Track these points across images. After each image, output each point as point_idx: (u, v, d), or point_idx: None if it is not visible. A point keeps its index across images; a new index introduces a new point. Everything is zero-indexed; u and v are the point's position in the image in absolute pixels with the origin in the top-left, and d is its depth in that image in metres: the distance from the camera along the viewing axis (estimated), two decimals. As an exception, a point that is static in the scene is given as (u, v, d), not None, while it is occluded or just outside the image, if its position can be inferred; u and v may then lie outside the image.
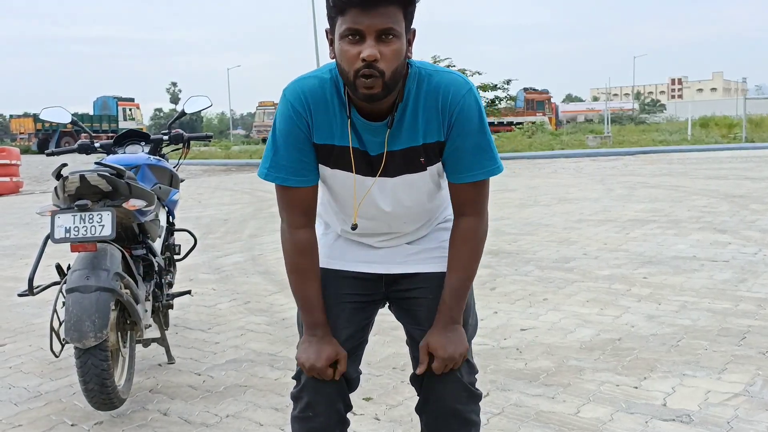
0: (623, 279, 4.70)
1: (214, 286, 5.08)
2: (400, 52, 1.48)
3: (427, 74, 1.59)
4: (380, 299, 1.83)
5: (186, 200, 10.47)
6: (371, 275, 1.79)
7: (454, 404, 1.73)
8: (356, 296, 1.78)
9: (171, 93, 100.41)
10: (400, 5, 1.46)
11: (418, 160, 1.62)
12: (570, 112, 57.09)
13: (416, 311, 1.76)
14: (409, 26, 1.52)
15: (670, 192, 9.50)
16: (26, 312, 4.52)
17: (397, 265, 1.78)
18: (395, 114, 1.57)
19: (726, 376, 2.96)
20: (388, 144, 1.59)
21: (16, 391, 3.15)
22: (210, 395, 3.00)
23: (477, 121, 1.58)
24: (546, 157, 19.61)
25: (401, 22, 1.47)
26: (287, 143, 1.61)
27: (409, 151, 1.61)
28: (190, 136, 3.71)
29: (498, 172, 1.62)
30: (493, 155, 1.62)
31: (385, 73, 1.46)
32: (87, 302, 2.54)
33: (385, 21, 1.44)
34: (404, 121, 1.59)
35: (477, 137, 1.59)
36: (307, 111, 1.59)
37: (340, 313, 1.75)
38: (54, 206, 2.73)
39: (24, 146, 38.12)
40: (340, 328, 1.74)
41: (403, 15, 1.48)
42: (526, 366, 3.18)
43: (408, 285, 1.78)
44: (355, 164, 1.62)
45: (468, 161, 1.60)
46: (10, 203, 12.13)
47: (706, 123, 29.25)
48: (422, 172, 1.65)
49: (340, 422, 1.76)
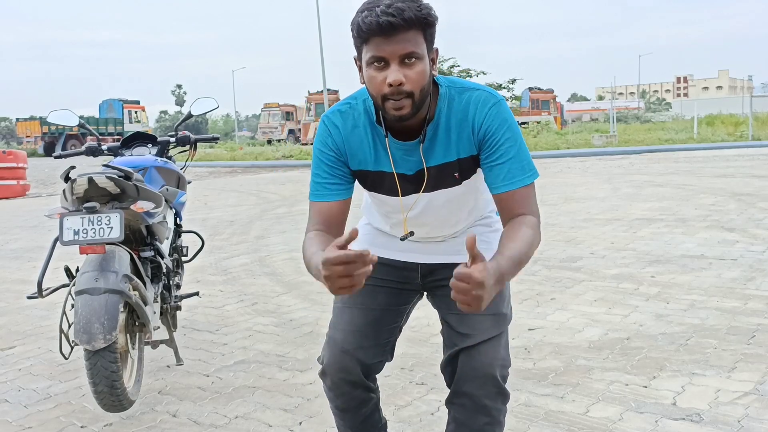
0: (631, 278, 4.68)
1: (221, 287, 5.09)
2: (424, 73, 1.53)
3: (457, 92, 1.65)
4: (417, 289, 1.93)
5: (192, 202, 10.49)
6: (409, 264, 1.89)
7: (483, 400, 1.76)
8: (393, 282, 1.89)
9: (176, 95, 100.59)
10: (420, 29, 1.50)
11: (453, 175, 1.69)
12: (575, 112, 56.95)
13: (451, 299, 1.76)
14: (431, 46, 1.56)
15: (677, 190, 9.47)
16: (35, 314, 4.54)
17: (434, 255, 1.86)
18: (426, 130, 1.63)
19: (736, 374, 2.95)
20: (419, 161, 1.66)
21: (26, 393, 3.17)
22: (219, 396, 3.01)
23: (507, 133, 1.62)
24: (552, 156, 19.57)
25: (422, 44, 1.52)
26: (318, 163, 1.73)
27: (444, 167, 1.67)
28: (196, 138, 3.72)
29: (530, 181, 1.63)
30: (525, 165, 1.62)
31: (414, 94, 1.52)
32: (96, 304, 2.55)
33: (406, 46, 1.49)
34: (437, 138, 1.65)
35: (508, 149, 1.61)
36: (340, 137, 1.70)
37: (378, 291, 1.86)
38: (62, 208, 2.74)
39: (30, 149, 38.26)
40: (374, 303, 1.85)
41: (423, 37, 1.52)
42: (534, 366, 3.18)
43: (445, 274, 1.81)
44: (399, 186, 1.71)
45: (503, 172, 1.62)
46: (18, 206, 12.17)
47: (713, 121, 29.18)
48: (457, 186, 1.71)
49: (362, 403, 1.88)
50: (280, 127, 40.95)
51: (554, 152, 20.35)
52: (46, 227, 8.71)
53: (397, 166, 1.68)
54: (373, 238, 1.94)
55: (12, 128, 67.06)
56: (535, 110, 40.99)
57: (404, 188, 1.71)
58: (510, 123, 1.63)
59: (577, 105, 63.63)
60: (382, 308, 1.88)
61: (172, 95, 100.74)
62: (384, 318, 1.88)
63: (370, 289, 1.82)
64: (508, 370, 1.81)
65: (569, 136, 27.43)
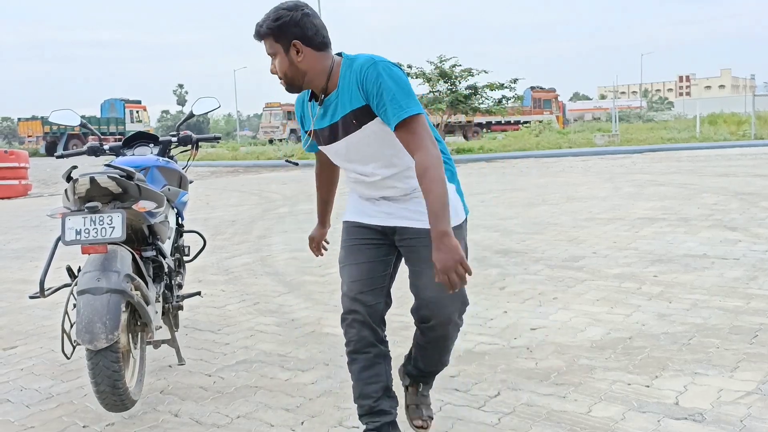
0: (633, 277, 4.68)
1: (223, 287, 5.09)
2: (283, 64, 2.17)
3: (351, 62, 2.18)
4: (393, 244, 2.40)
5: (194, 202, 10.49)
6: (383, 227, 2.38)
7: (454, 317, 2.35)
8: (373, 240, 2.39)
9: (178, 95, 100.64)
10: (271, 37, 2.15)
11: (352, 122, 2.19)
12: (577, 111, 56.92)
13: (410, 255, 2.35)
14: (288, 44, 2.15)
15: (680, 190, 9.46)
16: (37, 314, 4.54)
17: (399, 220, 2.34)
18: (323, 97, 2.23)
19: (738, 374, 2.94)
20: (331, 118, 2.23)
21: (28, 393, 3.17)
22: (221, 396, 3.01)
23: (383, 84, 2.08)
24: (554, 155, 19.56)
25: (276, 46, 2.16)
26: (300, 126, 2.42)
27: (345, 118, 2.20)
28: (198, 137, 3.72)
29: (410, 113, 2.05)
30: (403, 104, 2.07)
31: (282, 77, 2.20)
32: (98, 304, 2.55)
33: (267, 49, 2.19)
34: (339, 98, 2.19)
35: (385, 95, 2.08)
36: (300, 108, 2.39)
37: (363, 249, 2.38)
38: (65, 208, 2.74)
39: (32, 149, 38.30)
40: (363, 258, 2.36)
41: (276, 41, 2.15)
42: (536, 365, 3.17)
43: (405, 235, 2.34)
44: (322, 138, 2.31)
45: (389, 111, 2.08)
46: (19, 206, 12.19)
47: (715, 120, 29.15)
48: (359, 131, 2.20)
49: (370, 345, 2.33)
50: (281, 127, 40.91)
51: (556, 151, 20.33)
52: (47, 227, 8.72)
53: (318, 124, 2.28)
54: (355, 206, 2.44)
55: (14, 128, 67.13)
56: (537, 109, 40.99)
57: (328, 139, 2.27)
58: (383, 76, 2.08)
59: (579, 104, 63.61)
60: (370, 261, 2.36)
61: (174, 95, 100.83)
62: (374, 268, 2.36)
63: (357, 248, 2.38)
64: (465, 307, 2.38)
65: (571, 135, 27.43)
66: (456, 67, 22.02)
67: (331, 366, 3.30)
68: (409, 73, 21.88)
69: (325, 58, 2.18)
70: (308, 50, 2.16)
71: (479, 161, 19.11)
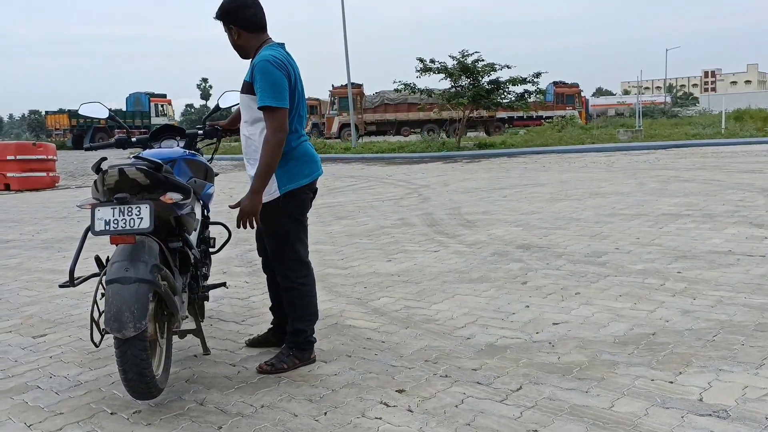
0: (657, 273, 4.65)
1: (246, 278, 5.14)
2: (231, 40, 3.17)
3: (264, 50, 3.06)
4: None
5: (218, 194, 10.56)
6: None
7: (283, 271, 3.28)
8: None
9: (202, 89, 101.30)
10: (220, 20, 3.15)
11: (242, 86, 3.11)
12: (600, 106, 56.26)
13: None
14: (231, 27, 3.13)
15: (705, 186, 9.35)
16: (66, 303, 4.62)
17: None
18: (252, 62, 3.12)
19: (763, 371, 2.92)
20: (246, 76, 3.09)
21: (57, 380, 3.23)
22: (245, 386, 3.05)
23: (258, 79, 2.96)
24: (576, 151, 19.41)
25: (225, 26, 3.15)
26: None
27: (245, 82, 3.09)
28: (224, 130, 3.75)
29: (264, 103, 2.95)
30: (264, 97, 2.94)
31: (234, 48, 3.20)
32: (126, 293, 2.60)
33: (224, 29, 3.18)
34: (250, 67, 3.07)
35: (258, 86, 2.96)
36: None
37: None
38: (94, 199, 2.79)
39: (59, 142, 38.83)
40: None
41: (224, 24, 3.15)
42: (559, 360, 3.17)
43: None
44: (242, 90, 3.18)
45: (258, 96, 2.98)
46: (47, 197, 12.38)
47: (741, 116, 28.66)
48: (242, 94, 3.11)
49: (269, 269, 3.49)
50: (303, 121, 40.96)
51: (579, 147, 20.17)
52: (75, 218, 8.85)
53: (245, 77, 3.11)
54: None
55: (41, 121, 67.99)
56: (560, 105, 40.61)
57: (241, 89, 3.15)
58: (260, 74, 2.95)
59: (603, 99, 62.89)
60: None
61: (198, 89, 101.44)
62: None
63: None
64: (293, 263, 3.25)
65: (594, 130, 27.18)
66: (479, 62, 21.90)
67: (353, 358, 3.33)
68: (431, 68, 21.83)
69: (256, 38, 3.13)
70: (243, 32, 3.13)
71: (501, 156, 19.03)
